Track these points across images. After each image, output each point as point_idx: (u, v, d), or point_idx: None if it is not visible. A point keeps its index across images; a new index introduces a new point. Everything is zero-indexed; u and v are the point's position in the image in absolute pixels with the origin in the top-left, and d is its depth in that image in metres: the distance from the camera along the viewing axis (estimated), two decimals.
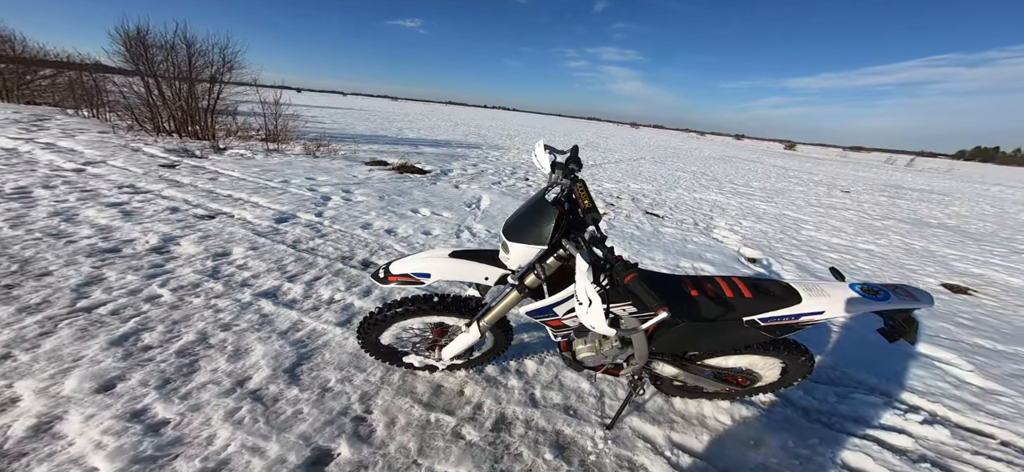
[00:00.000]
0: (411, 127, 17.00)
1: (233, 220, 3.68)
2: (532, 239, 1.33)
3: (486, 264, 1.48)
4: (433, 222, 4.27)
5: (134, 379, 1.72)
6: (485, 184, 6.60)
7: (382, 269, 1.54)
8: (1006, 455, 1.74)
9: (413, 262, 1.49)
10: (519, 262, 1.38)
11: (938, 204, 10.44)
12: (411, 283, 1.48)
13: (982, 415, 2.00)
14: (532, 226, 1.34)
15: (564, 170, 1.54)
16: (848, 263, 4.62)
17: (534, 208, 1.39)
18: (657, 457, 1.60)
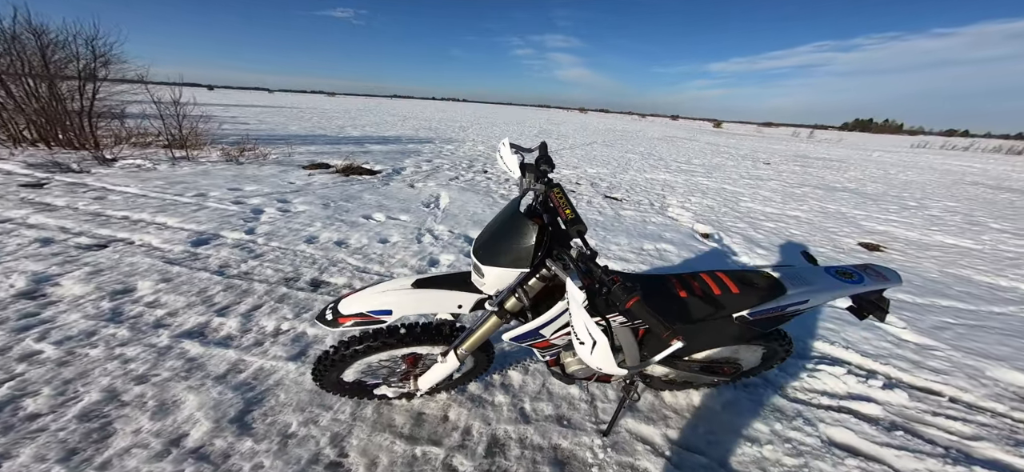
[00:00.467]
0: (354, 124, 16.01)
1: (133, 248, 3.13)
2: (510, 261, 1.17)
3: (457, 290, 1.32)
4: (389, 228, 3.98)
5: (25, 455, 1.35)
6: (442, 181, 6.35)
7: (329, 309, 1.33)
8: (958, 412, 1.93)
9: (369, 298, 1.31)
10: (496, 286, 1.22)
11: (838, 170, 11.86)
12: (368, 323, 1.29)
13: (927, 373, 2.22)
14: (509, 247, 1.17)
15: (535, 172, 1.43)
16: (782, 230, 5.01)
17: (508, 224, 1.22)
18: (658, 458, 1.57)
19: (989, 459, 1.62)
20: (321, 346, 2.09)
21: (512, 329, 1.29)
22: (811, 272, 1.57)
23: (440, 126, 17.95)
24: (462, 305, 1.31)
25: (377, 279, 1.53)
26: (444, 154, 9.19)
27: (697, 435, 1.68)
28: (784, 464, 1.55)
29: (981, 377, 2.21)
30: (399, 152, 9.12)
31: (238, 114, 17.33)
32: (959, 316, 2.99)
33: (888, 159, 17.17)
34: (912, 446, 1.67)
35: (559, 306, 1.21)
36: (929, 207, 7.17)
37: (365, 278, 2.90)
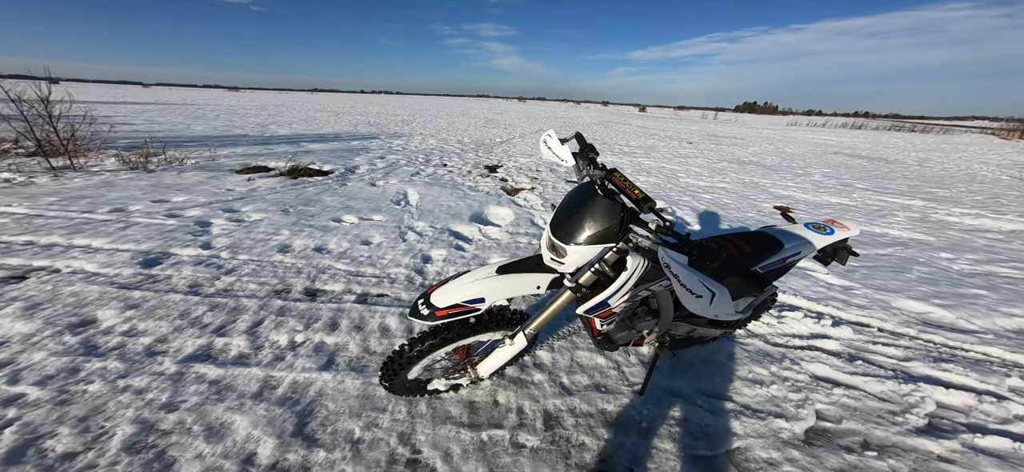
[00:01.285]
0: (277, 122, 14.58)
1: (64, 276, 2.73)
2: (597, 238, 1.28)
3: (534, 273, 1.43)
4: (368, 229, 3.85)
5: None
6: (404, 177, 6.19)
7: (422, 305, 1.37)
8: (887, 340, 2.45)
9: (460, 289, 1.36)
10: (577, 263, 1.33)
11: (742, 146, 13.56)
12: (464, 313, 1.35)
13: (855, 309, 2.77)
14: (595, 222, 1.28)
15: (587, 159, 1.56)
16: (718, 200, 5.69)
17: (590, 205, 1.32)
18: (692, 407, 1.82)
19: (922, 375, 2.12)
20: (347, 353, 2.06)
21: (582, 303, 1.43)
22: (797, 227, 1.92)
23: (380, 121, 17.08)
24: (540, 286, 1.41)
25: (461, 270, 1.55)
26: (395, 150, 8.90)
27: (716, 384, 1.97)
28: (791, 399, 1.89)
29: (890, 308, 2.82)
30: (345, 150, 8.64)
31: (112, 113, 14.88)
32: (860, 260, 3.71)
33: (774, 135, 19.94)
34: (870, 372, 2.11)
35: (623, 276, 1.36)
36: (812, 174, 8.55)
37: (362, 281, 2.83)
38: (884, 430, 1.73)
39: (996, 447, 1.66)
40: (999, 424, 1.79)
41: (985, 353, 2.32)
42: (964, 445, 1.67)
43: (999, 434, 1.71)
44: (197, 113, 16.58)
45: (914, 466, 1.56)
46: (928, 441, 1.67)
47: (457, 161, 7.80)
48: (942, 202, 6.31)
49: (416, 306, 1.37)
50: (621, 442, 1.63)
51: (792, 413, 1.80)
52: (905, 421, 1.78)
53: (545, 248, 1.40)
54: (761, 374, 2.05)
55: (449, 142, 10.72)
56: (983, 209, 5.93)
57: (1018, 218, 5.48)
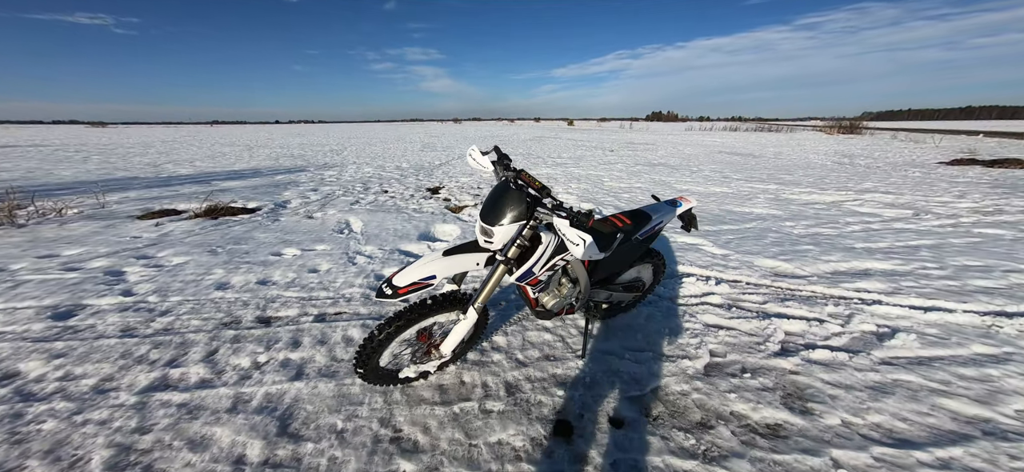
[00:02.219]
0: (175, 160, 12.71)
1: None
2: (514, 217, 1.60)
3: (472, 253, 1.73)
4: (312, 258, 3.76)
5: None
6: (342, 207, 5.96)
7: (386, 286, 1.59)
8: (751, 290, 3.10)
9: (415, 270, 1.62)
10: (503, 240, 1.64)
11: (652, 151, 15.20)
12: (420, 289, 1.60)
13: (731, 271, 3.43)
14: (510, 208, 1.61)
15: (502, 164, 1.90)
16: (635, 198, 6.44)
17: (506, 195, 1.65)
18: (622, 360, 2.19)
19: (775, 313, 2.75)
20: (315, 364, 2.11)
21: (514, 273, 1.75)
22: (656, 204, 2.46)
23: (305, 152, 15.68)
24: (479, 263, 1.71)
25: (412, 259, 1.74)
26: (328, 181, 8.43)
27: (638, 340, 2.37)
28: (691, 344, 2.34)
29: (753, 266, 3.54)
30: (268, 185, 7.98)
31: None
32: (734, 234, 4.53)
33: (676, 140, 22.59)
34: (743, 316, 2.68)
35: (540, 249, 1.73)
36: (703, 170, 9.97)
37: (317, 304, 2.82)
38: (754, 357, 2.25)
39: (821, 358, 2.25)
40: (822, 341, 2.43)
41: (812, 291, 3.06)
42: (803, 360, 2.23)
43: (823, 348, 2.33)
44: (57, 155, 13.79)
45: (776, 381, 2.07)
46: (781, 361, 2.22)
47: (398, 186, 7.69)
48: (788, 185, 7.79)
49: (381, 289, 1.58)
50: (571, 395, 1.94)
51: (693, 354, 2.25)
52: (766, 348, 2.33)
53: (479, 233, 1.69)
54: (672, 327, 2.51)
55: (387, 169, 10.40)
56: (813, 187, 7.46)
57: (835, 191, 7.01)
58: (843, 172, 9.53)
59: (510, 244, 1.65)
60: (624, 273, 2.39)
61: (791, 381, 2.06)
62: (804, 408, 1.89)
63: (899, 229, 4.76)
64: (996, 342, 2.36)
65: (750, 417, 1.84)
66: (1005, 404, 1.87)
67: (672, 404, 1.91)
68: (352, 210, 5.79)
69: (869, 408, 1.88)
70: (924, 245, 4.13)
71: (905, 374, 2.10)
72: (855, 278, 3.28)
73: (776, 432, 1.76)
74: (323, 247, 4.13)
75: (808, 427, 1.78)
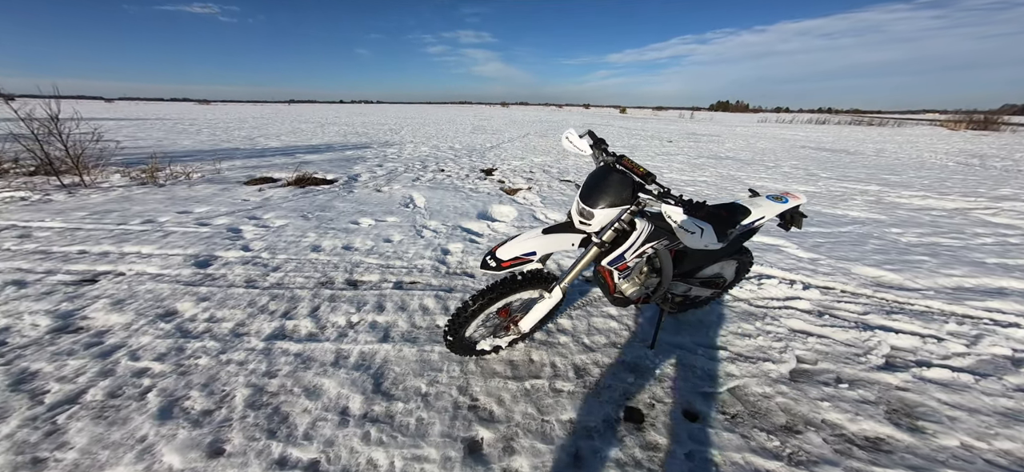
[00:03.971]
0: (264, 134, 14.46)
1: (131, 277, 2.91)
2: (616, 201, 1.58)
3: (568, 233, 1.71)
4: (387, 229, 4.08)
5: (235, 442, 1.48)
6: (405, 183, 6.39)
7: (490, 258, 1.65)
8: (848, 298, 2.78)
9: (517, 245, 1.65)
10: (601, 223, 1.62)
11: (718, 143, 14.08)
12: (521, 263, 1.63)
13: (821, 276, 3.10)
14: (613, 191, 1.59)
15: (601, 148, 1.85)
16: (700, 192, 6.06)
17: (609, 178, 1.63)
18: (695, 355, 2.11)
19: (878, 325, 2.45)
20: (398, 328, 2.30)
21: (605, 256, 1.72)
22: (758, 200, 2.23)
23: (367, 130, 17.03)
24: (573, 243, 1.70)
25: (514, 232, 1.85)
26: (390, 158, 9.05)
27: (711, 337, 2.27)
28: (775, 347, 2.19)
29: (850, 273, 3.17)
30: (342, 159, 8.77)
31: (85, 130, 14.63)
32: (824, 237, 4.07)
33: (747, 132, 20.68)
34: (837, 324, 2.42)
35: (635, 235, 1.68)
36: (782, 166, 9.03)
37: (394, 272, 3.06)
38: (852, 368, 2.04)
39: (938, 377, 1.98)
40: (940, 359, 2.13)
41: (927, 306, 2.67)
42: (914, 377, 1.98)
43: (941, 367, 2.04)
44: (177, 128, 16.29)
45: (879, 395, 1.87)
46: (887, 375, 1.99)
47: (453, 166, 8.01)
48: (894, 186, 6.80)
49: (485, 260, 1.64)
50: (641, 384, 1.91)
51: (777, 358, 2.10)
52: (867, 361, 2.10)
53: (575, 214, 1.68)
54: (748, 329, 2.36)
55: (441, 149, 10.83)
56: (929, 191, 6.44)
57: (960, 198, 5.98)
58: (971, 175, 8.10)
59: (607, 227, 1.63)
60: (706, 268, 2.26)
61: (898, 397, 1.85)
62: (913, 425, 1.69)
63: None
64: None
65: (846, 427, 1.68)
66: None
67: (753, 405, 1.80)
68: (414, 186, 6.12)
69: (997, 434, 1.63)
70: None
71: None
72: (986, 296, 2.80)
73: (877, 445, 1.60)
74: (393, 219, 4.44)
75: (918, 445, 1.59)
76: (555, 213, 4.83)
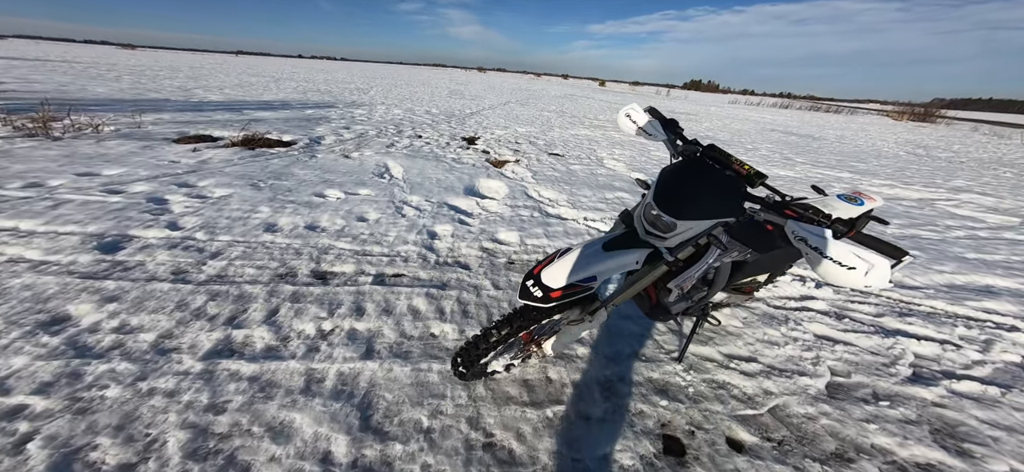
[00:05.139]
0: (204, 86, 12.86)
1: (5, 266, 2.29)
2: (715, 211, 1.26)
3: (634, 249, 1.38)
4: (358, 204, 3.60)
5: None
6: (378, 149, 5.82)
7: (533, 285, 1.28)
8: (860, 298, 2.75)
9: (569, 267, 1.29)
10: (685, 237, 1.30)
11: (696, 122, 14.38)
12: (578, 293, 1.29)
13: None
14: (711, 198, 1.27)
15: (678, 135, 1.55)
16: None
17: (704, 179, 1.31)
18: (727, 371, 1.94)
19: (894, 329, 2.42)
20: (384, 339, 1.93)
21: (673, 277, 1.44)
22: (829, 200, 2.02)
23: (331, 88, 15.67)
24: (638, 261, 1.38)
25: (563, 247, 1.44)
26: (359, 120, 8.28)
27: (739, 348, 2.11)
28: (805, 358, 2.07)
29: None
30: (300, 119, 7.89)
31: None
32: None
33: (721, 112, 21.28)
34: (858, 329, 2.37)
35: (711, 250, 1.37)
36: (759, 149, 9.27)
37: (372, 261, 2.65)
38: (885, 381, 1.96)
39: (969, 391, 1.95)
40: (963, 370, 2.11)
41: (932, 307, 2.70)
42: (947, 391, 1.93)
43: (967, 379, 2.02)
44: (89, 73, 14.17)
45: (920, 414, 1.79)
46: (920, 390, 1.92)
47: (431, 132, 7.49)
48: (864, 175, 7.13)
49: (526, 288, 1.28)
50: (676, 407, 1.71)
51: (811, 371, 1.98)
52: (897, 372, 2.04)
53: (644, 223, 1.36)
54: (774, 335, 2.23)
55: (417, 113, 10.24)
56: (894, 181, 6.80)
57: (923, 188, 6.36)
58: (925, 165, 8.70)
59: (690, 242, 1.29)
60: (750, 275, 2.02)
61: (937, 415, 1.78)
62: (960, 449, 1.62)
63: (1012, 240, 4.23)
64: None
65: (896, 453, 1.58)
66: None
67: (797, 428, 1.66)
68: (389, 153, 5.61)
69: None
70: None
71: None
72: (978, 295, 2.88)
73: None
74: (366, 192, 3.97)
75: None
76: (549, 191, 4.52)
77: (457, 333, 2.01)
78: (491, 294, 2.38)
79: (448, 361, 1.82)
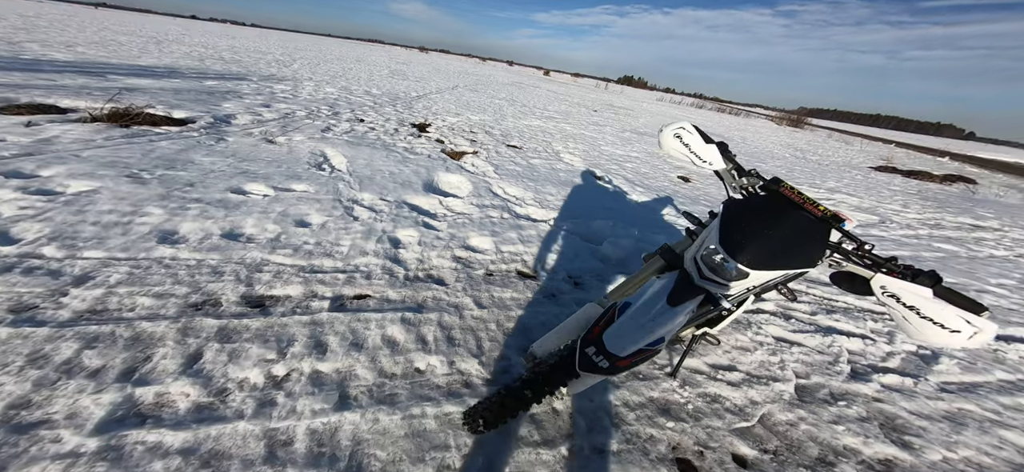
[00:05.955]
0: (42, 41, 10.03)
1: None
2: (793, 263, 1.20)
3: (691, 296, 1.28)
4: (294, 203, 3.08)
5: None
6: (313, 133, 5.10)
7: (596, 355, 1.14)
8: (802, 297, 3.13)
9: (633, 329, 1.18)
10: (751, 286, 1.25)
11: (634, 117, 15.50)
12: (647, 357, 1.18)
13: None
14: (793, 247, 1.20)
15: (737, 166, 1.48)
16: (637, 169, 6.26)
17: (787, 225, 1.22)
18: (713, 381, 2.05)
19: (826, 325, 2.79)
20: (361, 383, 1.65)
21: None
22: None
23: (240, 57, 13.41)
24: (693, 309, 1.31)
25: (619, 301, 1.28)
26: (281, 97, 7.20)
27: (719, 357, 2.25)
28: (773, 362, 2.28)
29: None
30: (198, 91, 6.56)
31: None
32: None
33: (651, 109, 23.21)
34: (800, 328, 2.68)
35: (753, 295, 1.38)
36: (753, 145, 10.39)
37: (326, 279, 2.27)
38: (835, 380, 2.24)
39: (892, 383, 2.31)
40: (881, 362, 2.50)
41: (847, 302, 3.19)
42: (879, 385, 2.27)
43: (887, 371, 2.40)
44: None
45: (868, 410, 2.06)
46: (861, 385, 2.24)
47: (374, 116, 6.92)
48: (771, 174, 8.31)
49: (588, 358, 1.15)
50: (681, 427, 1.75)
51: (781, 375, 2.19)
52: (841, 370, 2.35)
53: (703, 265, 1.28)
54: (743, 340, 2.43)
55: (355, 93, 9.41)
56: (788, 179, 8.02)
57: (810, 188, 7.59)
58: (805, 167, 10.40)
59: (756, 290, 1.24)
60: None
61: (879, 410, 2.08)
62: (903, 441, 1.91)
63: (877, 236, 5.23)
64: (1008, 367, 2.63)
65: (863, 452, 1.81)
66: None
67: (785, 437, 1.81)
68: (326, 139, 4.98)
69: (956, 441, 1.96)
70: (906, 258, 4.58)
71: (964, 402, 2.24)
72: None
73: (891, 470, 1.75)
74: (303, 188, 3.44)
75: (918, 464, 1.79)
76: (514, 188, 4.38)
77: (446, 366, 1.81)
78: (476, 315, 2.20)
79: (443, 402, 1.62)
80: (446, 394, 1.69)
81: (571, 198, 4.40)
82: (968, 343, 0.98)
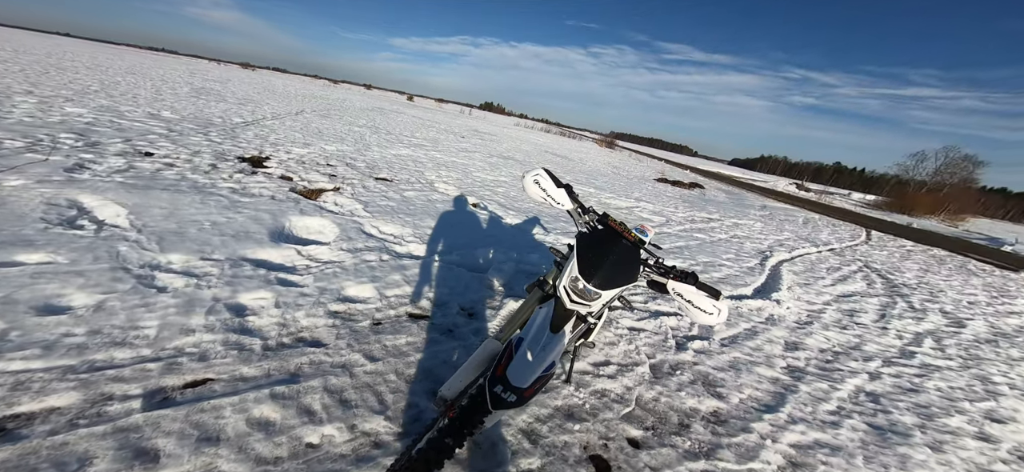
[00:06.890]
0: None
1: None
2: (625, 281, 1.39)
3: (568, 319, 1.43)
4: (29, 283, 2.11)
5: None
6: (53, 173, 3.44)
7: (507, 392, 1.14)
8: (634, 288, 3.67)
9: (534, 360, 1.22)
10: (603, 303, 1.42)
11: (497, 142, 15.81)
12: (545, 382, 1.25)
13: None
14: (625, 268, 1.41)
15: (580, 204, 1.63)
16: (508, 194, 6.34)
17: (617, 252, 1.42)
18: (597, 377, 2.24)
19: (652, 310, 3.36)
20: None
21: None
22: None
23: None
24: (569, 329, 1.44)
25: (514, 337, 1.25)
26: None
27: (596, 355, 2.45)
28: (629, 349, 2.58)
29: None
30: None
31: None
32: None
33: (512, 134, 24.09)
34: (639, 315, 3.13)
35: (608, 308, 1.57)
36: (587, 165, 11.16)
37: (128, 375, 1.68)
38: (670, 355, 2.68)
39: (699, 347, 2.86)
40: (686, 332, 3.11)
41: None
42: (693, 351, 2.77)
43: (692, 337, 3.00)
44: None
45: (694, 374, 2.51)
46: (683, 354, 2.72)
47: (172, 148, 5.02)
48: (602, 190, 9.54)
49: (498, 396, 1.11)
50: (587, 427, 1.85)
51: (639, 360, 2.52)
52: (670, 345, 2.82)
53: (572, 293, 1.39)
54: (609, 336, 2.71)
55: (128, 115, 6.56)
56: (615, 194, 9.39)
57: (626, 198, 9.04)
58: (621, 181, 12.37)
59: (606, 304, 1.42)
60: None
61: (698, 372, 2.56)
62: (718, 393, 2.38)
63: (667, 231, 6.55)
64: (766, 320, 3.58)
65: (701, 409, 2.19)
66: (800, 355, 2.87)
67: (654, 412, 2.08)
68: (78, 183, 3.32)
69: (743, 383, 2.54)
70: (680, 247, 5.84)
71: (736, 351, 2.92)
72: None
73: (718, 418, 2.16)
74: (40, 258, 2.21)
75: (731, 409, 2.24)
76: (390, 225, 3.92)
77: (347, 432, 1.53)
78: (370, 370, 1.90)
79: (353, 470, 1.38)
80: (354, 461, 1.43)
81: (451, 229, 4.15)
82: (718, 320, 1.36)
